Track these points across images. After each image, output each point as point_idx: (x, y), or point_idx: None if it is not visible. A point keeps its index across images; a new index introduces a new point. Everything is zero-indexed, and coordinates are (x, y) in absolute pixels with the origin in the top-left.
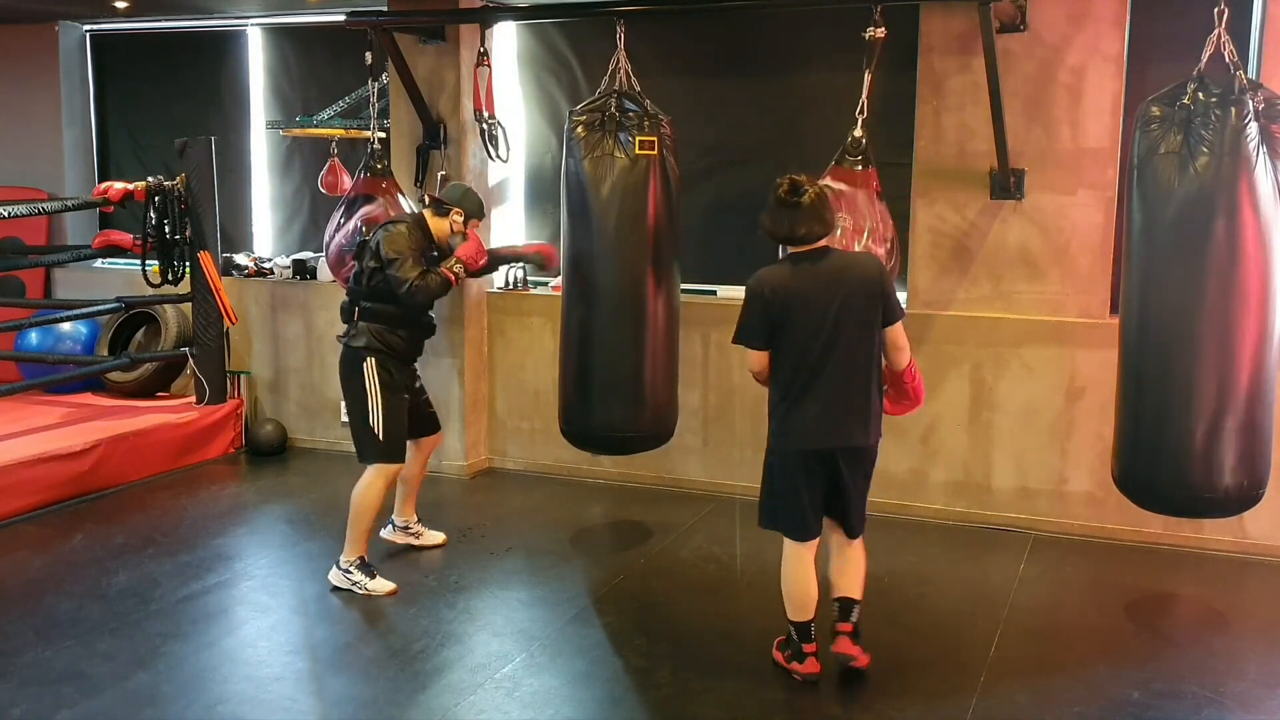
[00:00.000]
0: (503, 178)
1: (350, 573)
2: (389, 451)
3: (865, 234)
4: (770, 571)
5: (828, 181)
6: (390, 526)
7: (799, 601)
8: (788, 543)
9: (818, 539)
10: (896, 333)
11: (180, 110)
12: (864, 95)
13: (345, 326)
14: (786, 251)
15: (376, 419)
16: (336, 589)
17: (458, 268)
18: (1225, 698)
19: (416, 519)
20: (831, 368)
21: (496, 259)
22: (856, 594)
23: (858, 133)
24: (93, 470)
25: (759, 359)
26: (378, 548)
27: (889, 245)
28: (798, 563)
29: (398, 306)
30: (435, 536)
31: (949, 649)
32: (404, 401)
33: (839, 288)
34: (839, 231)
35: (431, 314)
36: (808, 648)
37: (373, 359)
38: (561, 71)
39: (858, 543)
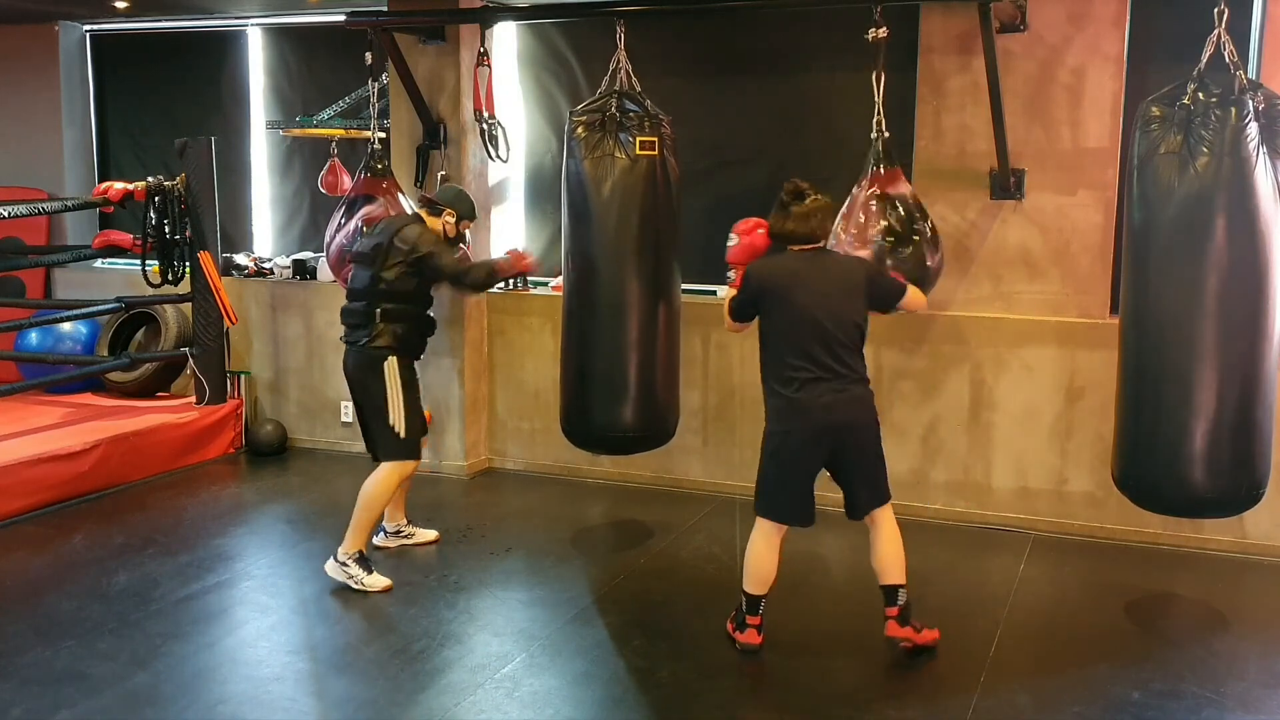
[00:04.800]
0: (503, 178)
1: (348, 566)
2: (410, 448)
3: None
4: None
5: (875, 190)
6: (381, 533)
7: (758, 576)
8: (762, 522)
9: (785, 529)
10: (907, 303)
11: (180, 110)
12: (878, 98)
13: (355, 329)
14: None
15: (399, 417)
16: (333, 581)
17: (504, 263)
18: (1225, 698)
19: (406, 521)
20: (817, 353)
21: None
22: (892, 578)
23: (885, 134)
24: (93, 470)
25: (734, 326)
26: (373, 549)
27: (931, 244)
28: (765, 542)
29: (415, 306)
30: (427, 534)
31: (949, 649)
32: (419, 399)
33: (820, 283)
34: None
35: (431, 312)
36: (751, 619)
37: (393, 358)
38: (561, 71)
39: (882, 524)
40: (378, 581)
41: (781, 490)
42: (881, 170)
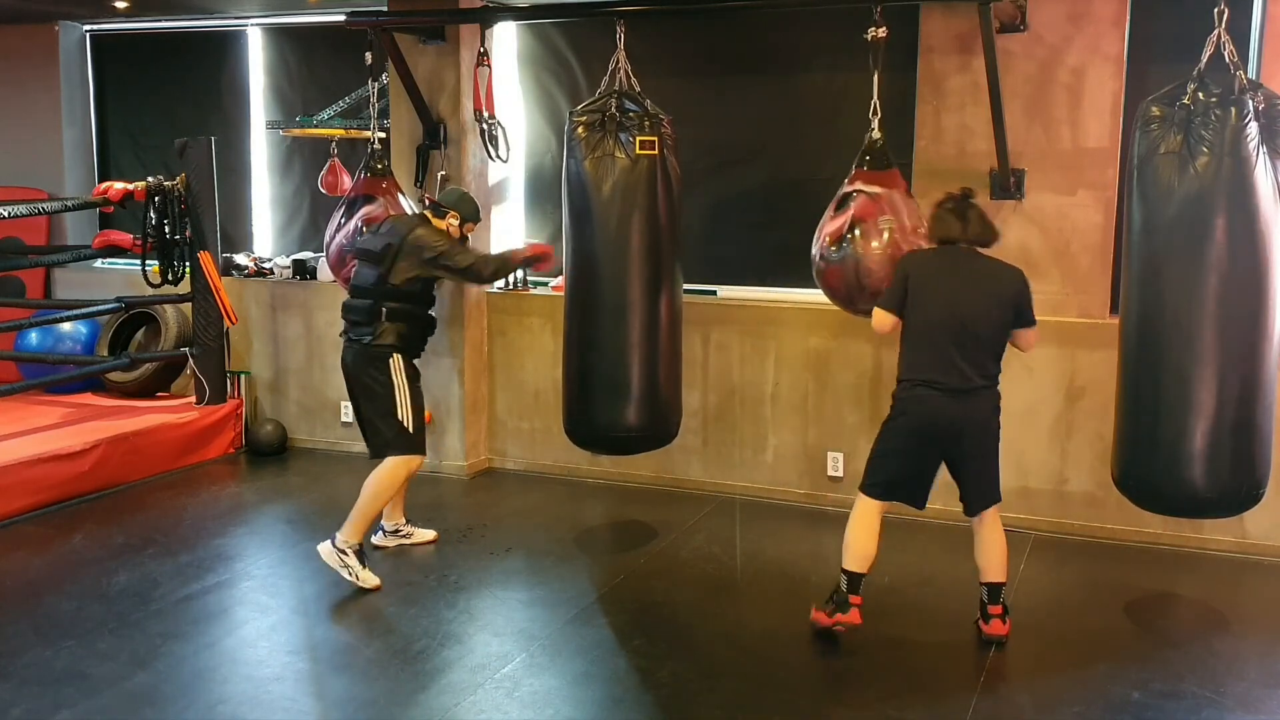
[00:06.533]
0: (503, 178)
1: (345, 555)
2: (417, 443)
3: (911, 231)
4: (770, 571)
5: (859, 186)
6: (380, 532)
7: (857, 553)
8: (860, 498)
9: (885, 505)
10: (1024, 336)
11: (180, 110)
12: (874, 97)
13: (358, 326)
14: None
15: (405, 413)
16: (333, 581)
17: (526, 252)
18: (1225, 698)
19: (405, 520)
20: (954, 346)
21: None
22: (1000, 576)
23: (875, 135)
24: (93, 470)
25: (884, 320)
26: (369, 550)
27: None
28: (861, 518)
29: (420, 306)
30: (426, 534)
31: (949, 649)
32: (422, 395)
33: (965, 281)
34: (885, 233)
35: (432, 312)
36: (854, 599)
37: (399, 355)
38: (561, 71)
39: (989, 523)
40: (370, 578)
41: (882, 463)
42: (871, 170)
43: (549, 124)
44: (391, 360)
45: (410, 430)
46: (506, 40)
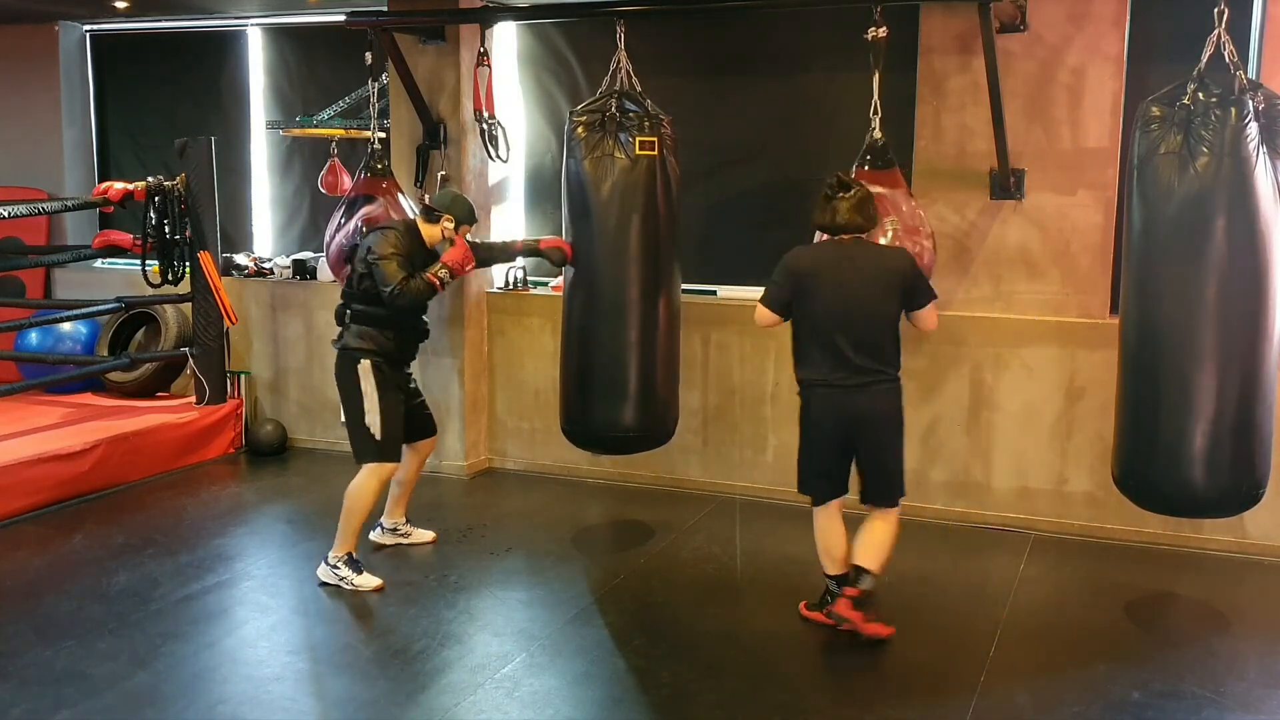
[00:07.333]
0: (503, 178)
1: (338, 568)
2: (385, 451)
3: (917, 232)
4: (770, 571)
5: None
6: (379, 529)
7: (830, 554)
8: (815, 505)
9: (840, 500)
10: (924, 316)
11: (180, 110)
12: (875, 97)
13: (338, 329)
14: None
15: (374, 419)
16: (324, 584)
17: (443, 273)
18: (1225, 698)
19: (406, 520)
20: (845, 340)
21: (511, 253)
22: (863, 560)
23: (877, 135)
24: (93, 470)
25: (766, 316)
26: (369, 547)
27: (931, 240)
28: (826, 519)
29: (386, 309)
30: (425, 535)
31: (949, 649)
32: (399, 402)
33: (851, 274)
34: (890, 233)
35: (425, 317)
36: (850, 591)
37: (367, 360)
38: (561, 71)
39: (887, 516)
40: (369, 581)
41: (807, 470)
42: (872, 170)
43: (549, 124)
44: (360, 366)
45: (379, 438)
46: (506, 40)
